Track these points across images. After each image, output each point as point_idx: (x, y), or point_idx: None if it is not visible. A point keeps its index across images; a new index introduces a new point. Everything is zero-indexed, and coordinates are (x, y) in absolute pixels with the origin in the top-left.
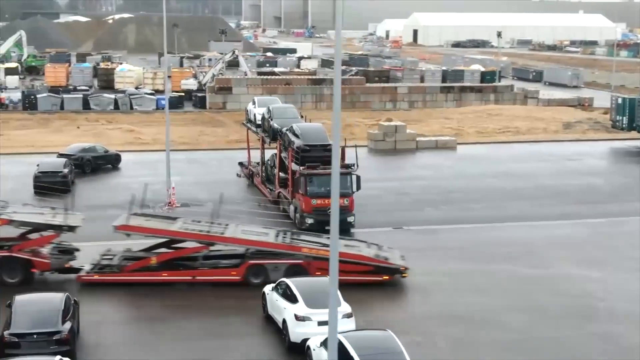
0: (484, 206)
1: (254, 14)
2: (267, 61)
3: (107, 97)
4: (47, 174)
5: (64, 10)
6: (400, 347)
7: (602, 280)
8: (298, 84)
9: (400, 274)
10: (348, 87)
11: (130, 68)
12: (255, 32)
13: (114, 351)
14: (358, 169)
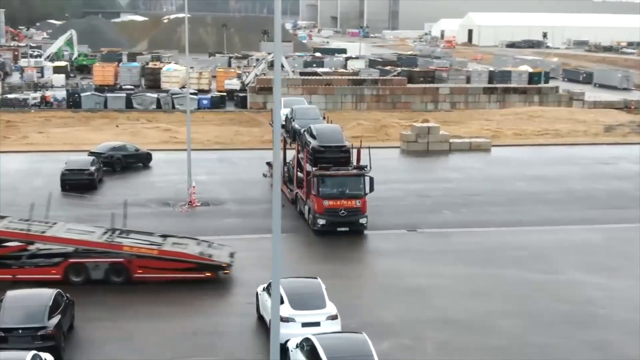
0: (504, 210)
1: (311, 14)
2: (314, 61)
3: (149, 97)
4: (73, 171)
5: (124, 9)
6: (371, 351)
7: (607, 287)
8: (338, 84)
9: (223, 270)
10: (389, 88)
11: (177, 68)
12: (309, 33)
13: (106, 348)
14: (371, 170)
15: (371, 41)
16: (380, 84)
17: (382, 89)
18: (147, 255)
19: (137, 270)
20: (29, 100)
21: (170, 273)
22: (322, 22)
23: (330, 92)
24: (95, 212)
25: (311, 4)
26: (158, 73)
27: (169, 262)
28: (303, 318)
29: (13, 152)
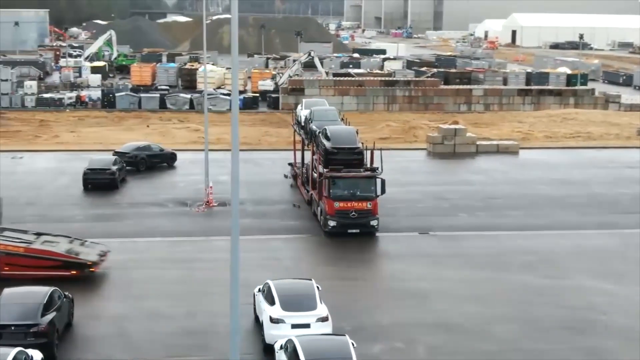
0: (522, 213)
1: (356, 14)
2: (350, 62)
3: (182, 97)
4: (95, 171)
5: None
6: (351, 354)
7: (613, 294)
8: (370, 85)
9: (89, 268)
10: (421, 89)
11: (213, 69)
12: (352, 33)
13: (102, 345)
14: (382, 172)
15: (414, 42)
16: (412, 85)
17: (415, 90)
18: (14, 252)
19: (4, 267)
20: (65, 100)
21: (36, 270)
22: (366, 23)
23: (362, 93)
24: (111, 212)
25: (356, 4)
26: (194, 74)
27: (36, 259)
28: (293, 319)
29: (43, 151)
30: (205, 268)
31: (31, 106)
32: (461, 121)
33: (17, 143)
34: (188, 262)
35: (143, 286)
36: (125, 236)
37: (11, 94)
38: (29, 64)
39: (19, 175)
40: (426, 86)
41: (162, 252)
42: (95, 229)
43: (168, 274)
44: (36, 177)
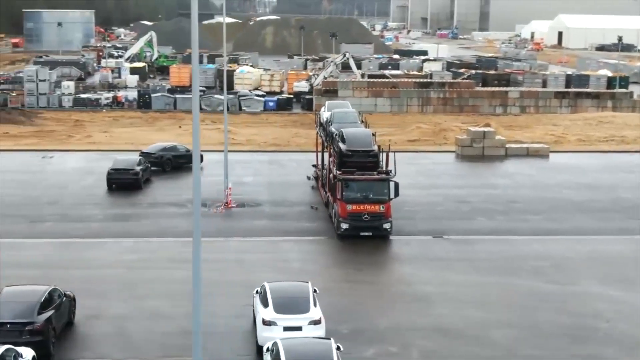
0: (542, 218)
1: (402, 15)
2: (389, 63)
3: (217, 98)
4: (119, 171)
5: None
6: (333, 358)
7: (620, 301)
8: (405, 87)
9: None
10: (456, 91)
11: (250, 70)
12: (397, 34)
13: (100, 344)
14: (396, 175)
15: (459, 43)
16: (447, 87)
17: (449, 91)
18: None
19: None
20: (101, 100)
21: None
22: (413, 24)
23: (396, 94)
24: (130, 211)
25: (402, 5)
26: (231, 75)
27: None
28: (285, 322)
29: (73, 151)
30: (212, 269)
31: (68, 106)
32: (494, 124)
33: (50, 143)
34: None
35: (148, 286)
36: (140, 236)
37: (49, 94)
38: (71, 65)
39: (46, 175)
40: (461, 88)
41: (173, 253)
42: (112, 228)
43: (174, 274)
44: (63, 176)
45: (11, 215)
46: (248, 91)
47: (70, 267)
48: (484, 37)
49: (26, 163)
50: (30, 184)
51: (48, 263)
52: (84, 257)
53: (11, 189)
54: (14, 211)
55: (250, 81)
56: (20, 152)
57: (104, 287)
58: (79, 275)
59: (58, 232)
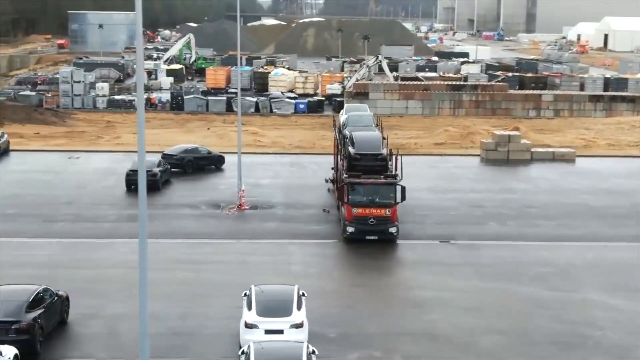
0: (555, 224)
1: (449, 16)
2: (427, 65)
3: (248, 100)
4: (137, 172)
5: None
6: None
7: (619, 309)
8: (437, 89)
9: None
10: (489, 94)
11: (284, 72)
12: (441, 36)
13: (88, 343)
14: (402, 179)
15: (504, 45)
16: (480, 89)
17: (482, 94)
18: None
19: None
20: (135, 102)
21: None
22: (459, 25)
23: (428, 97)
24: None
25: (448, 6)
26: (266, 77)
27: None
28: (266, 325)
29: (100, 152)
30: (214, 270)
31: (102, 107)
32: (524, 127)
33: (79, 143)
34: (200, 263)
35: (149, 288)
36: (149, 237)
37: (83, 95)
38: (109, 66)
39: (69, 175)
40: (494, 91)
41: (179, 254)
42: (123, 229)
43: (175, 275)
44: (85, 176)
45: (27, 214)
46: (280, 93)
47: (75, 267)
48: (530, 39)
49: (52, 163)
50: (51, 184)
51: (54, 262)
52: (90, 257)
53: (32, 189)
54: (31, 210)
55: (284, 83)
56: (48, 153)
57: (105, 287)
58: (82, 275)
59: (69, 232)
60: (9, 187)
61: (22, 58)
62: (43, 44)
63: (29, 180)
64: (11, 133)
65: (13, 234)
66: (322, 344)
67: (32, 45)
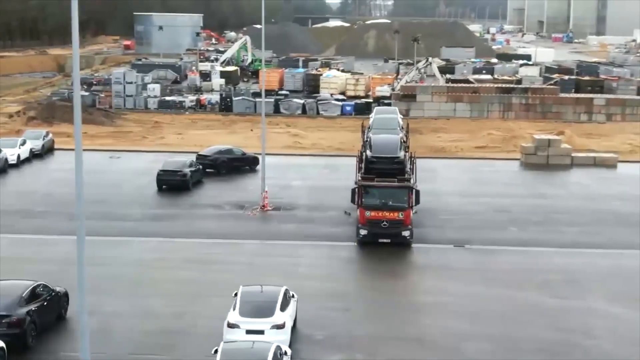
0: (577, 230)
1: (519, 18)
2: (484, 68)
3: (295, 102)
4: (167, 172)
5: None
6: None
7: (618, 318)
8: (486, 92)
9: None
10: (539, 97)
11: (336, 74)
12: (508, 38)
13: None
14: (416, 182)
15: (572, 47)
16: (530, 92)
17: (532, 98)
18: None
19: None
20: (185, 103)
21: None
22: (529, 27)
23: (476, 100)
24: (169, 212)
25: (519, 7)
26: (318, 79)
27: None
28: (247, 325)
29: (141, 152)
30: (221, 270)
31: (154, 108)
32: (570, 131)
33: (123, 143)
34: (209, 263)
35: (152, 285)
36: (167, 236)
37: (135, 96)
38: (167, 67)
39: (106, 175)
40: (544, 94)
41: (191, 253)
42: (144, 228)
43: (183, 275)
44: (121, 176)
45: (56, 212)
46: (329, 95)
47: (87, 264)
48: (599, 41)
49: (92, 163)
50: (87, 183)
51: (68, 259)
52: (104, 254)
53: (67, 187)
54: (60, 208)
55: (335, 85)
56: (91, 152)
57: (111, 284)
58: (92, 272)
59: (92, 229)
60: (45, 185)
61: (87, 59)
62: (110, 45)
63: (66, 179)
64: (59, 132)
65: (38, 230)
66: (306, 345)
67: (99, 46)
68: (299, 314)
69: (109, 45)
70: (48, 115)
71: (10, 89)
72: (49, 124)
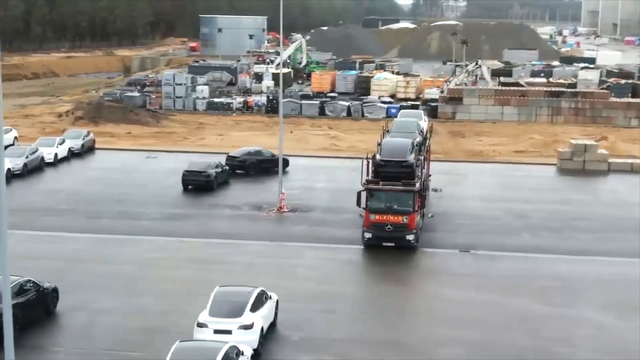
0: (593, 237)
1: (593, 20)
2: (542, 71)
3: (340, 105)
4: (192, 173)
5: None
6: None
7: (605, 327)
8: (534, 95)
9: None
10: (589, 101)
11: (387, 76)
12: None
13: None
14: (424, 186)
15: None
16: (579, 96)
17: (582, 102)
18: None
19: None
20: (233, 105)
21: None
22: (603, 29)
23: (524, 103)
24: (186, 212)
25: (593, 10)
26: (369, 81)
27: None
28: (215, 325)
29: (178, 152)
30: (220, 270)
31: (202, 109)
32: (614, 136)
33: (164, 143)
34: (210, 263)
35: (149, 283)
36: (178, 235)
37: (184, 97)
38: (222, 69)
39: (137, 174)
40: (594, 98)
41: (196, 253)
42: (158, 227)
43: (182, 274)
44: (151, 175)
45: (77, 210)
46: (377, 97)
47: (91, 262)
48: None
49: (128, 162)
50: (116, 182)
51: (74, 257)
52: (111, 253)
53: (96, 186)
54: (83, 207)
55: (386, 88)
56: (129, 152)
57: (108, 282)
58: (93, 270)
59: (107, 228)
60: (76, 184)
61: (153, 60)
62: (177, 47)
63: (98, 177)
64: (104, 132)
65: (53, 228)
66: (280, 346)
67: (166, 48)
68: (283, 315)
69: (175, 47)
70: (95, 115)
71: (73, 88)
72: (94, 124)
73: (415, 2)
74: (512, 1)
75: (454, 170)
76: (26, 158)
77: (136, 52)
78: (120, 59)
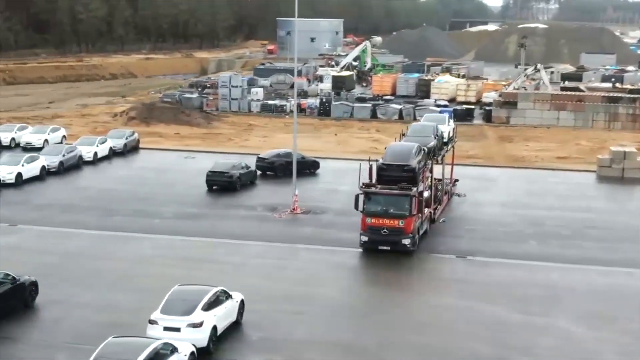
0: (600, 246)
1: None
2: (613, 75)
3: (392, 108)
4: (215, 173)
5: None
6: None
7: (571, 338)
8: (591, 101)
9: None
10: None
11: (447, 80)
12: None
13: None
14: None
15: None
16: (638, 102)
17: (632, 107)
18: None
19: None
20: (286, 107)
21: None
22: None
23: (581, 109)
24: (202, 211)
25: None
26: (429, 85)
27: None
28: (165, 322)
29: (217, 153)
30: (208, 269)
31: (256, 111)
32: None
33: (207, 144)
34: (202, 262)
35: (135, 280)
36: (183, 234)
37: (240, 99)
38: (286, 72)
39: (169, 174)
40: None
41: (191, 252)
42: (167, 226)
43: (168, 272)
44: (182, 175)
45: (97, 208)
46: (432, 101)
47: (88, 258)
48: None
49: (165, 162)
50: (146, 181)
51: (74, 252)
52: (109, 250)
53: (124, 185)
54: (102, 204)
55: (446, 91)
56: (171, 152)
57: (96, 277)
58: (85, 265)
59: (115, 225)
60: (108, 182)
61: (229, 62)
62: (255, 50)
63: (129, 176)
64: (153, 132)
65: (66, 224)
66: (235, 345)
67: (244, 51)
68: (251, 315)
69: (253, 50)
70: (147, 116)
71: (147, 89)
72: (146, 124)
73: (505, 4)
74: (606, 4)
75: (485, 175)
76: (63, 156)
77: (215, 55)
78: (198, 60)
